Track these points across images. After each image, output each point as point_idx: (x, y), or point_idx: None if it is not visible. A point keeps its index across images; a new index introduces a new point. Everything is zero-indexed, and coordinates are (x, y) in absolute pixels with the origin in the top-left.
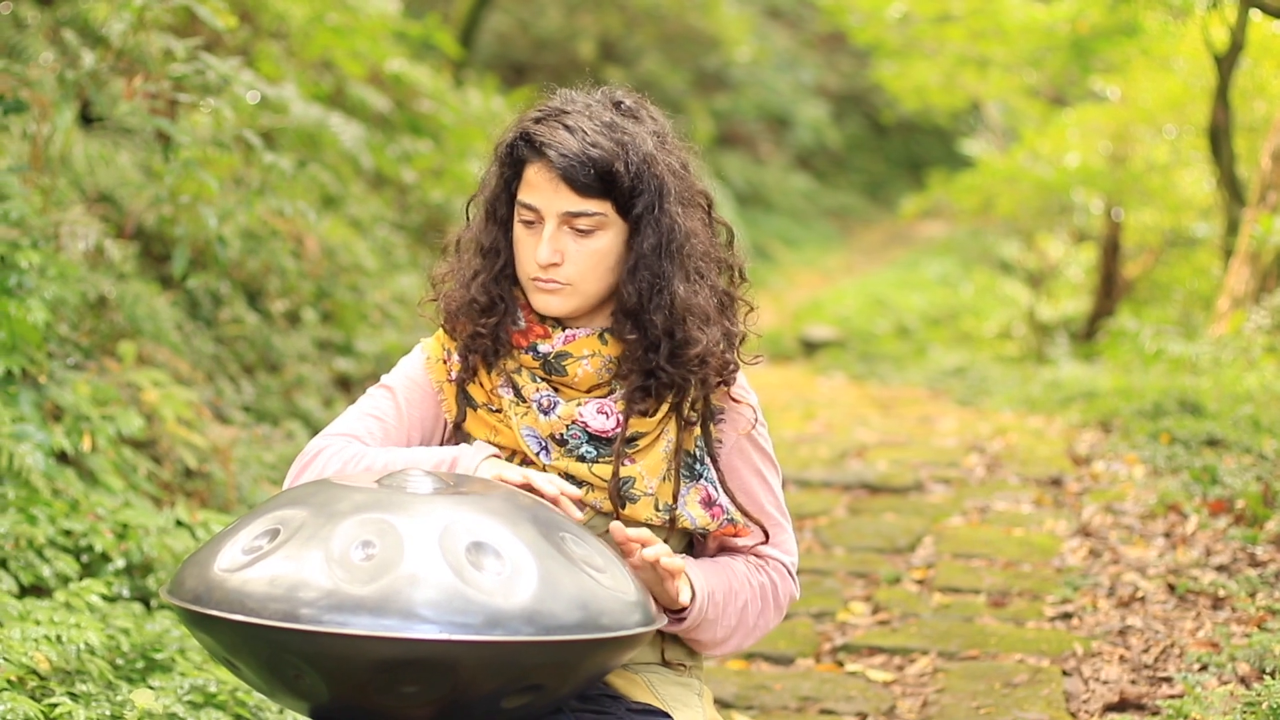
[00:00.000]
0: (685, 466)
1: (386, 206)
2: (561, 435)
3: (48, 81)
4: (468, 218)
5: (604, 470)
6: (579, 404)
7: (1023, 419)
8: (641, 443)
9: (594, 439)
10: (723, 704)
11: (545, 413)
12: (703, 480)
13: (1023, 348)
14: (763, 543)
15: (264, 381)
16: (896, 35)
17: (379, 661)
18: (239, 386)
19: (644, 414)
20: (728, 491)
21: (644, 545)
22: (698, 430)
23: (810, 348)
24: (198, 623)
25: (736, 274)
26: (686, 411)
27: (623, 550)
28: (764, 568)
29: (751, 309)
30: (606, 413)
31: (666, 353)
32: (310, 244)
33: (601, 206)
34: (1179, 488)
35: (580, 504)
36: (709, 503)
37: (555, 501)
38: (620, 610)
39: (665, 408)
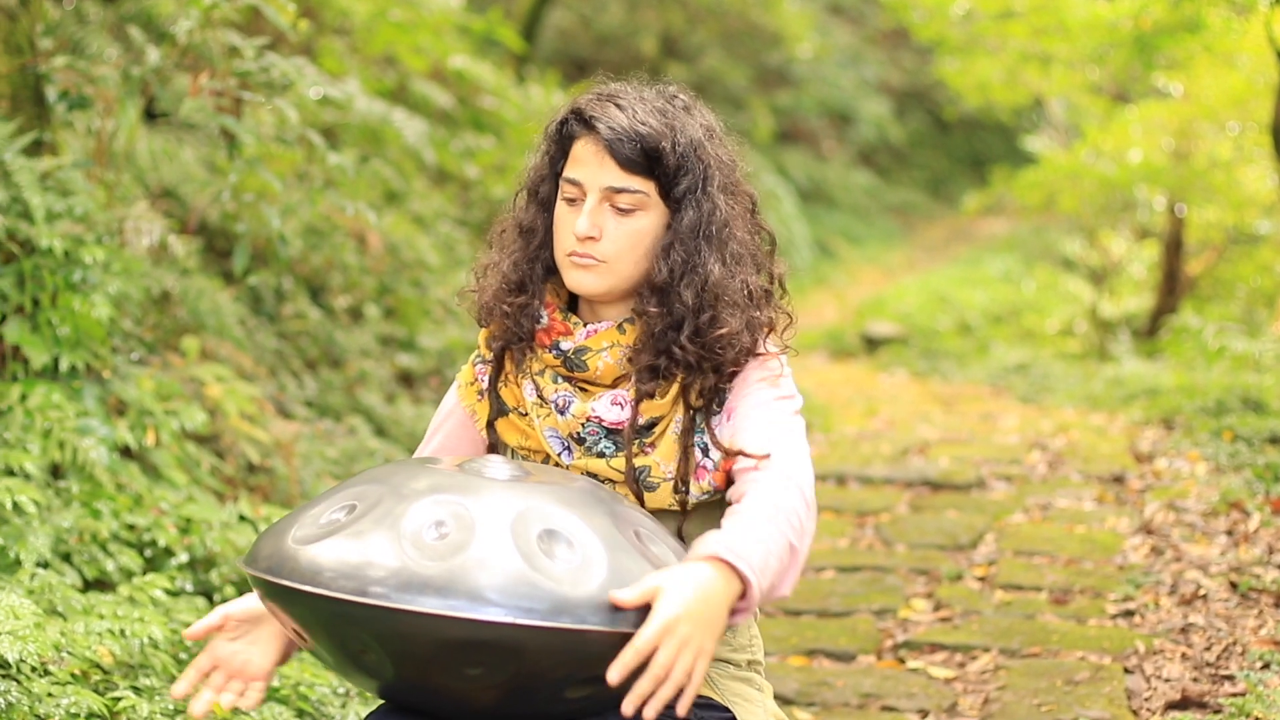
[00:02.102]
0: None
1: (449, 202)
2: (579, 434)
3: (112, 78)
4: (514, 210)
5: (621, 464)
6: (593, 399)
7: (1085, 416)
8: (657, 429)
9: (611, 433)
10: (784, 700)
11: (562, 412)
12: (703, 456)
13: (1085, 345)
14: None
15: (326, 377)
16: (959, 31)
17: (444, 641)
18: (302, 382)
19: (651, 396)
20: (717, 443)
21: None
22: (701, 403)
23: (872, 344)
24: (270, 593)
25: (776, 283)
26: (693, 398)
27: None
28: (770, 491)
29: (791, 321)
30: (620, 403)
31: (690, 330)
32: (373, 240)
33: (644, 185)
34: (1241, 485)
35: None
36: (700, 476)
37: None
38: None
39: (674, 390)
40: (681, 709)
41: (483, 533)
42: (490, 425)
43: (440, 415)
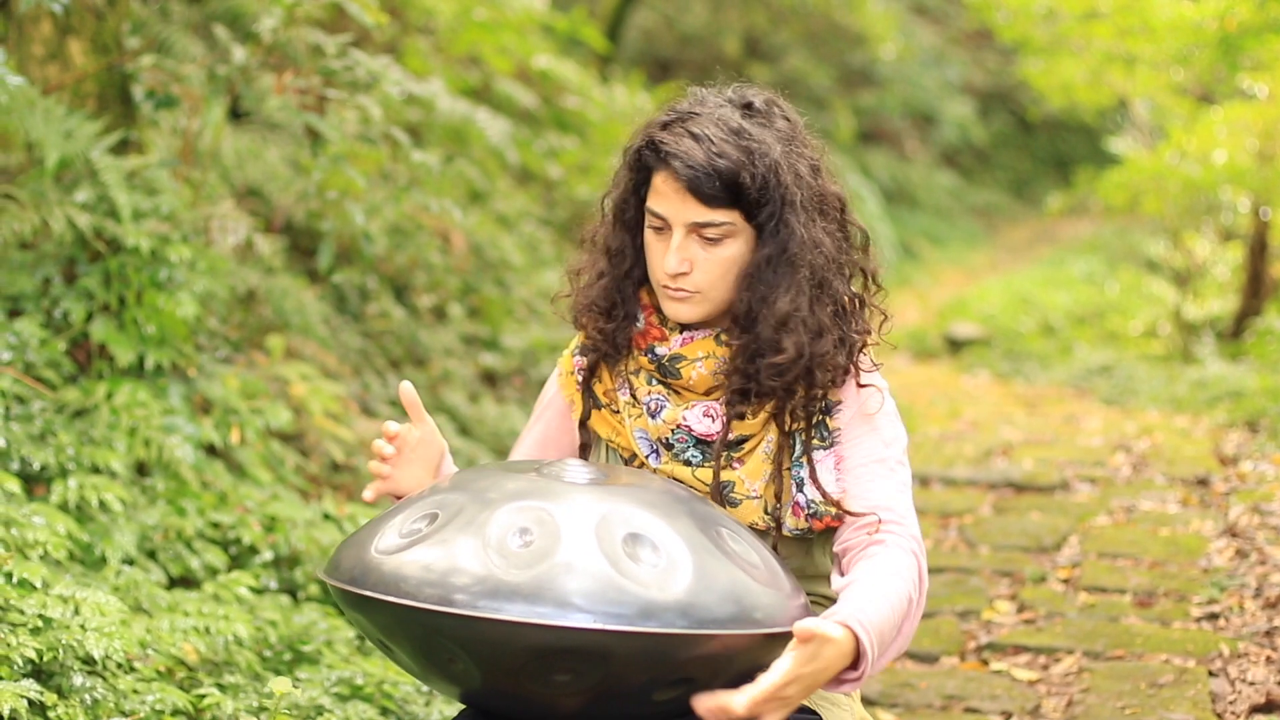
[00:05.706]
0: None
1: (532, 202)
2: (668, 439)
3: (197, 76)
4: (602, 212)
5: (707, 474)
6: (685, 407)
7: (1169, 418)
8: (747, 445)
9: (700, 443)
10: (867, 702)
11: (653, 416)
12: (798, 490)
13: (1169, 347)
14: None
15: (410, 376)
16: (1043, 32)
17: (532, 648)
18: (385, 381)
19: (741, 417)
20: (819, 486)
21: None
22: (799, 426)
23: (955, 345)
24: (353, 603)
25: (870, 279)
26: (786, 422)
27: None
28: (903, 566)
29: (886, 318)
30: (712, 415)
31: (770, 361)
32: (457, 239)
33: (729, 216)
34: None
35: None
36: (797, 512)
37: None
38: (773, 605)
39: (765, 412)
40: None
41: (568, 538)
42: (583, 422)
43: (541, 404)
